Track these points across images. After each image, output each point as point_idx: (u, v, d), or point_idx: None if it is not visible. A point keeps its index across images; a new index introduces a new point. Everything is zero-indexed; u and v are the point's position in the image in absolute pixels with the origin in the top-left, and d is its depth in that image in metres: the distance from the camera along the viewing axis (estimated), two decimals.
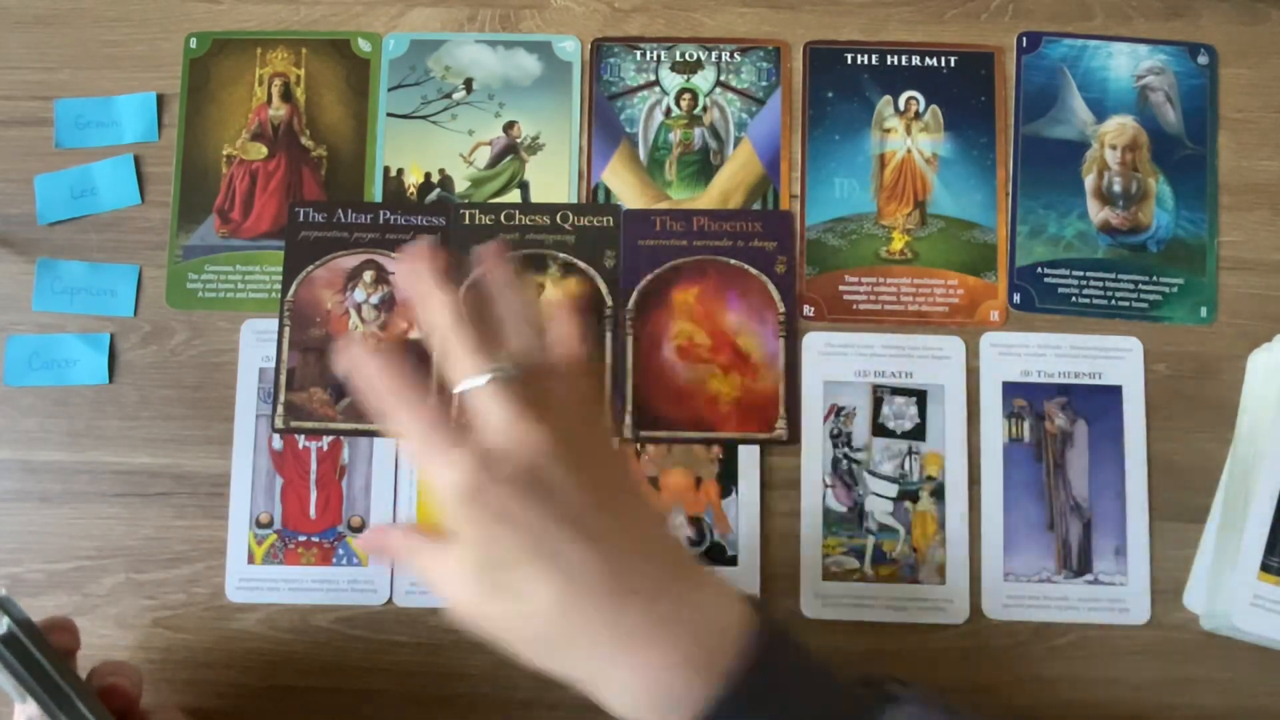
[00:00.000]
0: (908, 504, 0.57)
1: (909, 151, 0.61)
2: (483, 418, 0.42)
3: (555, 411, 0.42)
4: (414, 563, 0.43)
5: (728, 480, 0.57)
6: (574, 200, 0.60)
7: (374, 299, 0.59)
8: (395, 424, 0.42)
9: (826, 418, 0.58)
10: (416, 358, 0.55)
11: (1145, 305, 0.59)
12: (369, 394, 0.43)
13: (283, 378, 0.58)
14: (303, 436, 0.58)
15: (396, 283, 0.47)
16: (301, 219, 0.60)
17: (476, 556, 0.41)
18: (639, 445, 0.58)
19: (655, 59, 0.62)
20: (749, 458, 0.57)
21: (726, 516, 0.57)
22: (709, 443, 0.58)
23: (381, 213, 0.60)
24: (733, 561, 0.57)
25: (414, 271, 0.44)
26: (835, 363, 0.58)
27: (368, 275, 0.59)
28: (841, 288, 0.60)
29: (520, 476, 0.40)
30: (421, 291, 0.44)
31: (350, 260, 0.59)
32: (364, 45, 0.62)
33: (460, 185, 0.61)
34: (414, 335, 0.59)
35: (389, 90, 0.62)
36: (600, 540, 0.41)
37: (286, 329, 0.58)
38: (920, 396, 0.58)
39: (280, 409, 0.58)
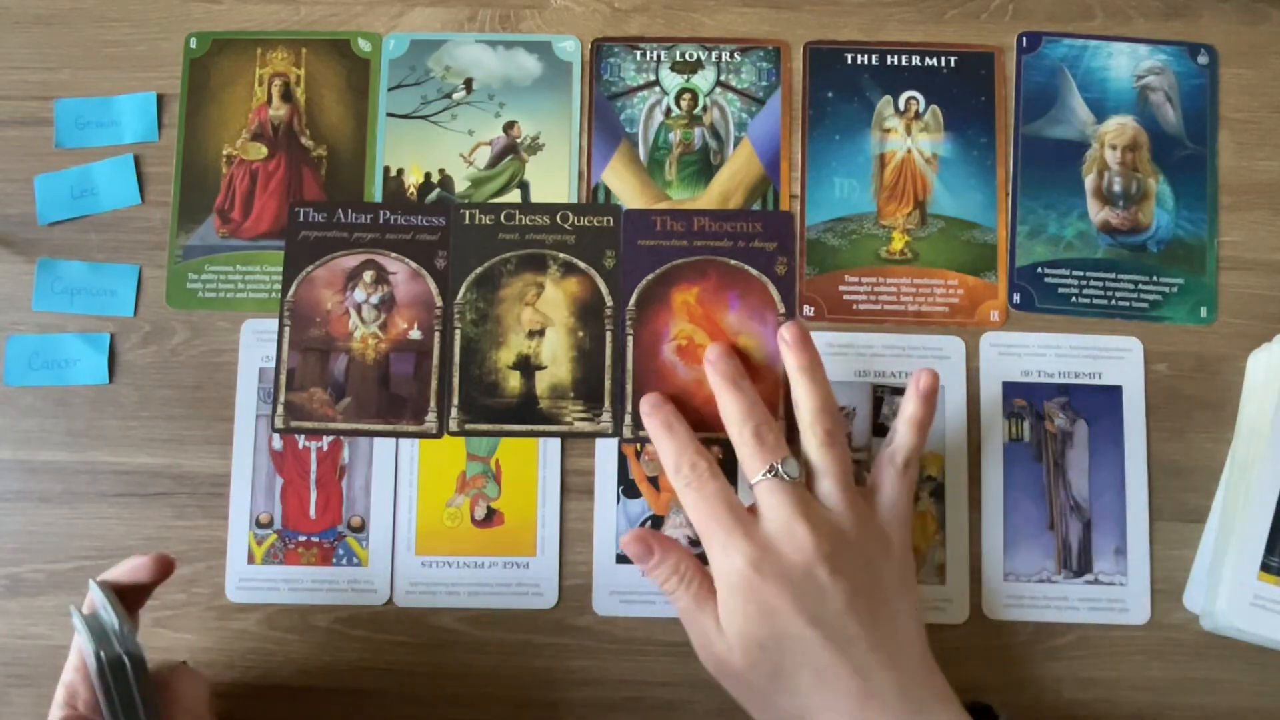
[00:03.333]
0: None
1: (909, 151, 0.61)
2: (764, 509, 0.47)
3: (832, 516, 0.47)
4: (680, 605, 0.49)
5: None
6: (574, 200, 0.60)
7: (374, 299, 0.59)
8: (683, 495, 0.49)
9: None
10: (418, 358, 0.55)
11: (1145, 305, 0.59)
12: (666, 463, 0.51)
13: (283, 378, 0.58)
14: (303, 436, 0.58)
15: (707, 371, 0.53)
16: (301, 219, 0.60)
17: (739, 631, 0.46)
18: (638, 445, 0.58)
19: (655, 59, 0.62)
20: None
21: None
22: (708, 443, 0.57)
23: (381, 213, 0.60)
24: None
25: (711, 366, 0.52)
26: (835, 363, 0.58)
27: (368, 275, 0.59)
28: (841, 288, 0.60)
29: (787, 576, 0.45)
30: (717, 384, 0.51)
31: (350, 260, 0.59)
32: (364, 45, 0.62)
33: (460, 185, 0.61)
34: (413, 335, 0.59)
35: (389, 90, 0.62)
36: (852, 645, 0.45)
37: (286, 329, 0.58)
38: None
39: (280, 409, 0.58)
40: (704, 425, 0.57)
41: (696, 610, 0.48)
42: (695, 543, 0.57)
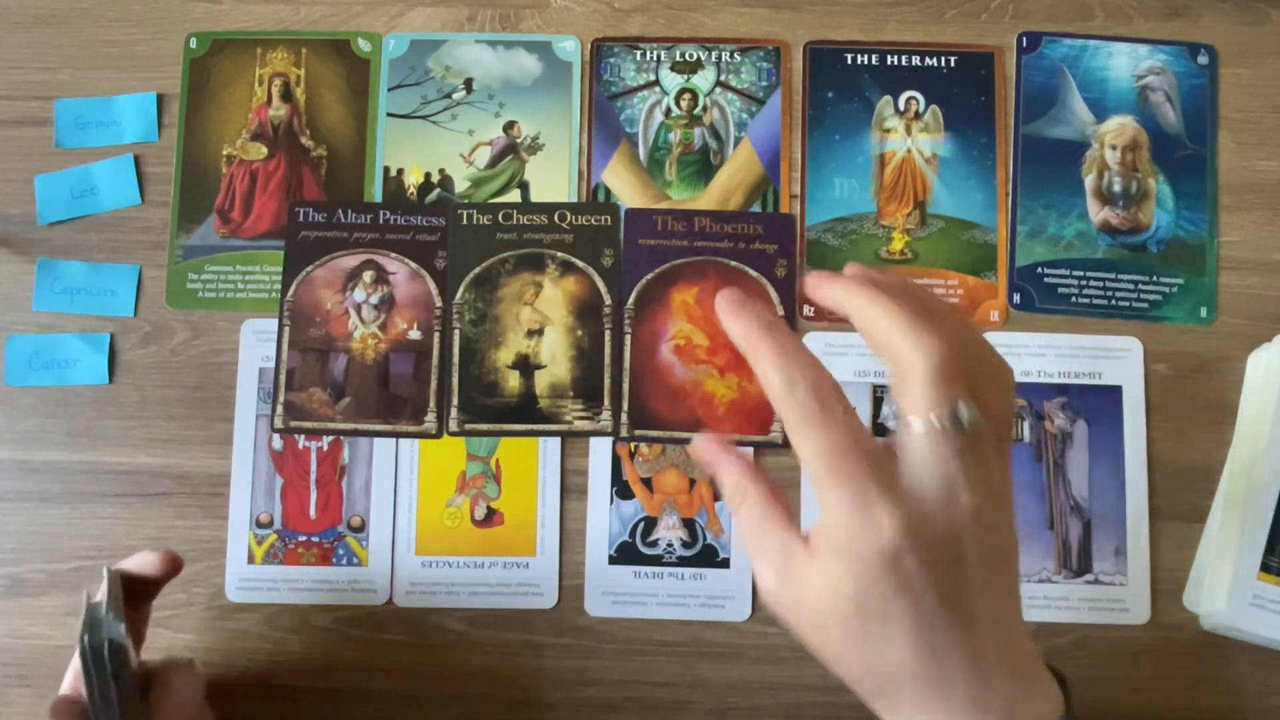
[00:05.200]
0: None
1: (909, 151, 0.61)
2: (924, 457, 0.37)
3: (992, 478, 0.38)
4: (763, 547, 0.40)
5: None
6: (574, 200, 0.60)
7: (374, 299, 0.59)
8: (799, 429, 0.38)
9: None
10: (418, 358, 0.55)
11: (1145, 305, 0.59)
12: (770, 380, 0.39)
13: (282, 378, 0.58)
14: (302, 436, 0.58)
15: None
16: (301, 219, 0.60)
17: (852, 595, 0.37)
18: (632, 445, 0.58)
19: (655, 59, 0.62)
20: None
21: (720, 519, 0.57)
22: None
23: (381, 213, 0.60)
24: (725, 564, 0.57)
25: (854, 275, 0.40)
26: (835, 363, 0.58)
27: (367, 275, 0.59)
28: None
29: (939, 549, 0.37)
30: (866, 293, 0.40)
31: (350, 260, 0.59)
32: (364, 45, 0.62)
33: (460, 185, 0.61)
34: (413, 335, 0.59)
35: (389, 90, 0.62)
36: (974, 623, 0.38)
37: (286, 329, 0.58)
38: None
39: (280, 409, 0.58)
40: (698, 425, 0.57)
41: (785, 557, 0.39)
42: (688, 545, 0.57)
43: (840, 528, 0.37)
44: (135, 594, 0.48)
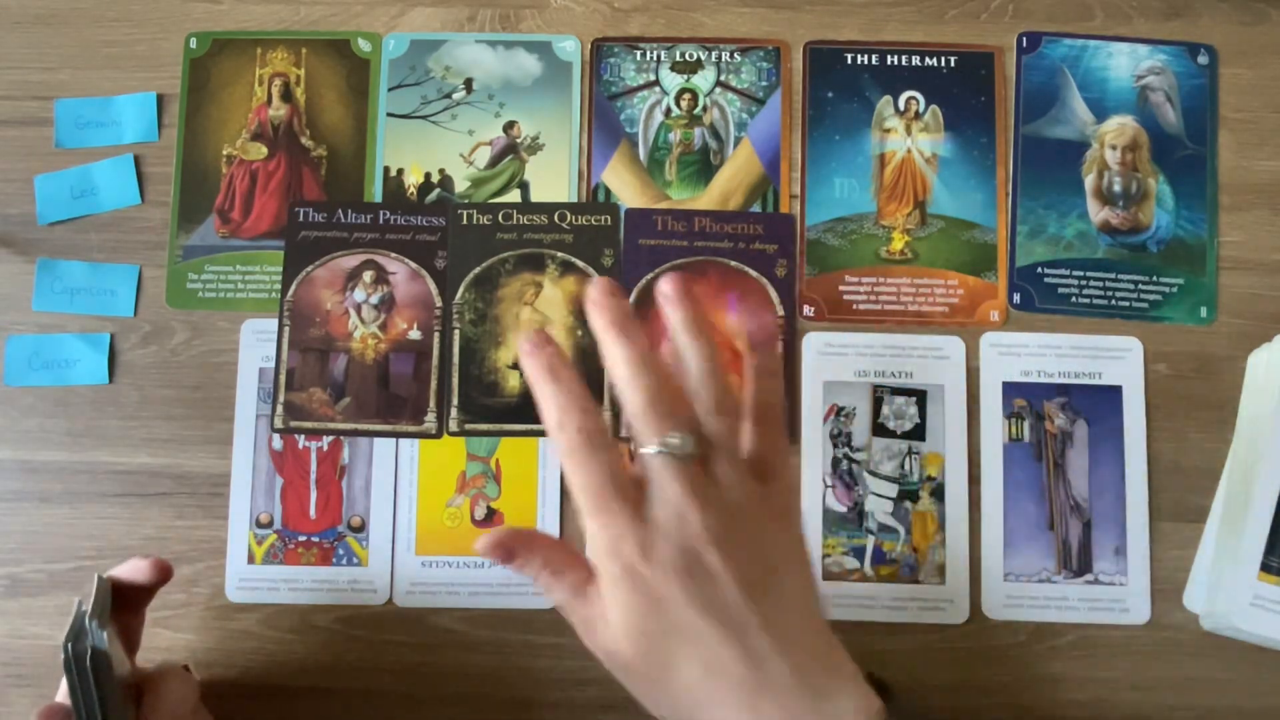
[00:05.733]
0: (908, 504, 0.57)
1: (909, 151, 0.61)
2: (655, 486, 0.42)
3: (724, 492, 0.42)
4: (556, 599, 0.44)
5: None
6: (574, 200, 0.60)
7: (374, 299, 0.59)
8: (565, 460, 0.42)
9: (826, 418, 0.58)
10: (418, 358, 0.55)
11: (1145, 305, 0.59)
12: (546, 417, 0.43)
13: (282, 378, 0.58)
14: (302, 436, 0.58)
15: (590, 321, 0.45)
16: (301, 219, 0.60)
17: (625, 622, 0.42)
18: (632, 445, 0.58)
19: (655, 59, 0.62)
20: None
21: None
22: None
23: (381, 213, 0.60)
24: None
25: (594, 313, 0.43)
26: (835, 363, 0.58)
27: (367, 275, 0.59)
28: (841, 288, 0.60)
29: (676, 563, 0.41)
30: (602, 338, 0.43)
31: (350, 260, 0.59)
32: (364, 45, 0.62)
33: (460, 185, 0.61)
34: (413, 335, 0.59)
35: (389, 90, 0.62)
36: (744, 632, 0.41)
37: (286, 329, 0.58)
38: (920, 396, 0.58)
39: (280, 409, 0.58)
40: None
41: (577, 601, 0.43)
42: None
43: (599, 555, 0.42)
44: (128, 600, 0.48)
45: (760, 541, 0.43)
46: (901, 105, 0.61)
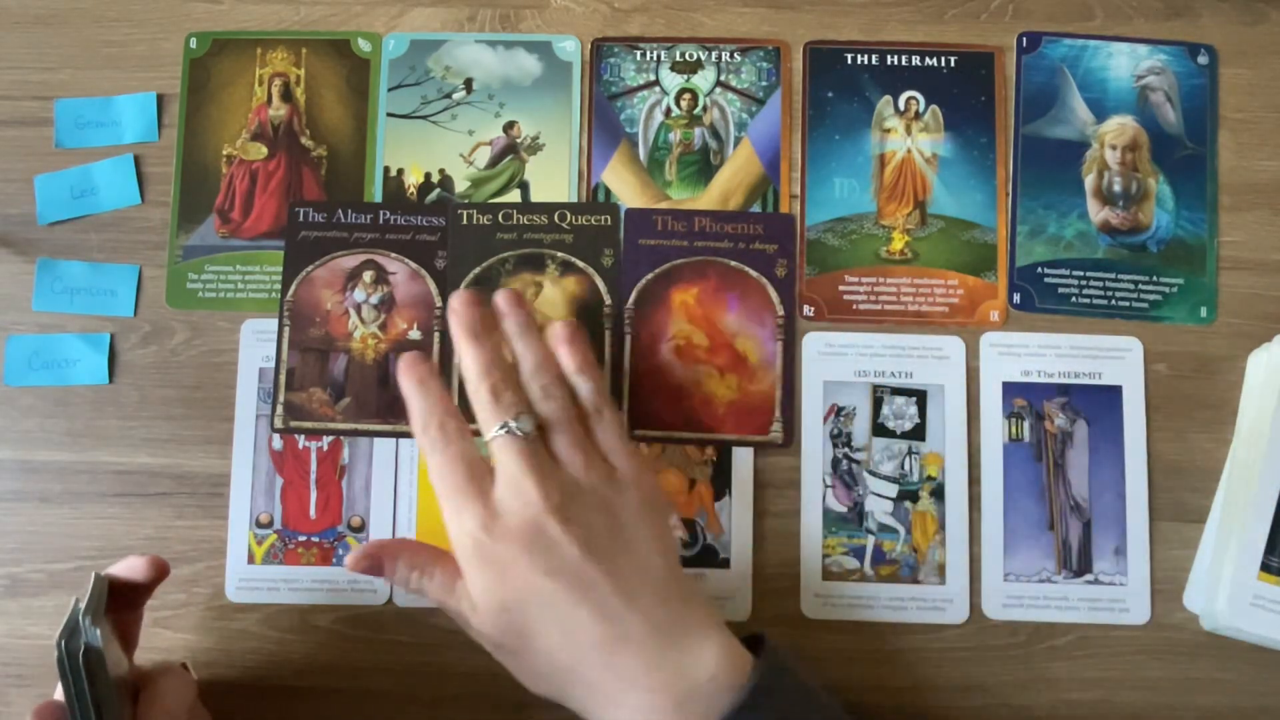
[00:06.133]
0: (908, 504, 0.57)
1: (909, 151, 0.61)
2: (498, 467, 0.46)
3: (563, 466, 0.47)
4: (431, 598, 0.48)
5: (721, 483, 0.57)
6: (574, 200, 0.60)
7: (374, 299, 0.59)
8: (427, 458, 0.48)
9: (826, 418, 0.58)
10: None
11: (1145, 305, 0.59)
12: (413, 421, 0.48)
13: (282, 378, 0.58)
14: (303, 436, 0.58)
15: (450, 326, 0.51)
16: (301, 219, 0.60)
17: (483, 598, 0.45)
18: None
19: (655, 59, 0.62)
20: (743, 460, 0.57)
21: (719, 519, 0.57)
22: (703, 444, 0.58)
23: (381, 213, 0.60)
24: (725, 564, 0.57)
25: (452, 321, 0.49)
26: (835, 363, 0.58)
27: (367, 275, 0.59)
28: (841, 288, 0.60)
29: (518, 534, 0.45)
30: (456, 334, 0.49)
31: (350, 260, 0.59)
32: (364, 45, 0.62)
33: (460, 185, 0.61)
34: (413, 335, 0.59)
35: (389, 90, 0.62)
36: (592, 589, 0.44)
37: (286, 329, 0.58)
38: (920, 396, 0.58)
39: (279, 409, 0.58)
40: (698, 425, 0.57)
41: (447, 594, 0.47)
42: (687, 545, 0.57)
43: (453, 540, 0.46)
44: (126, 599, 0.48)
45: (605, 508, 0.46)
46: (901, 105, 0.61)
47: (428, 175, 0.61)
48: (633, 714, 0.44)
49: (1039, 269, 0.60)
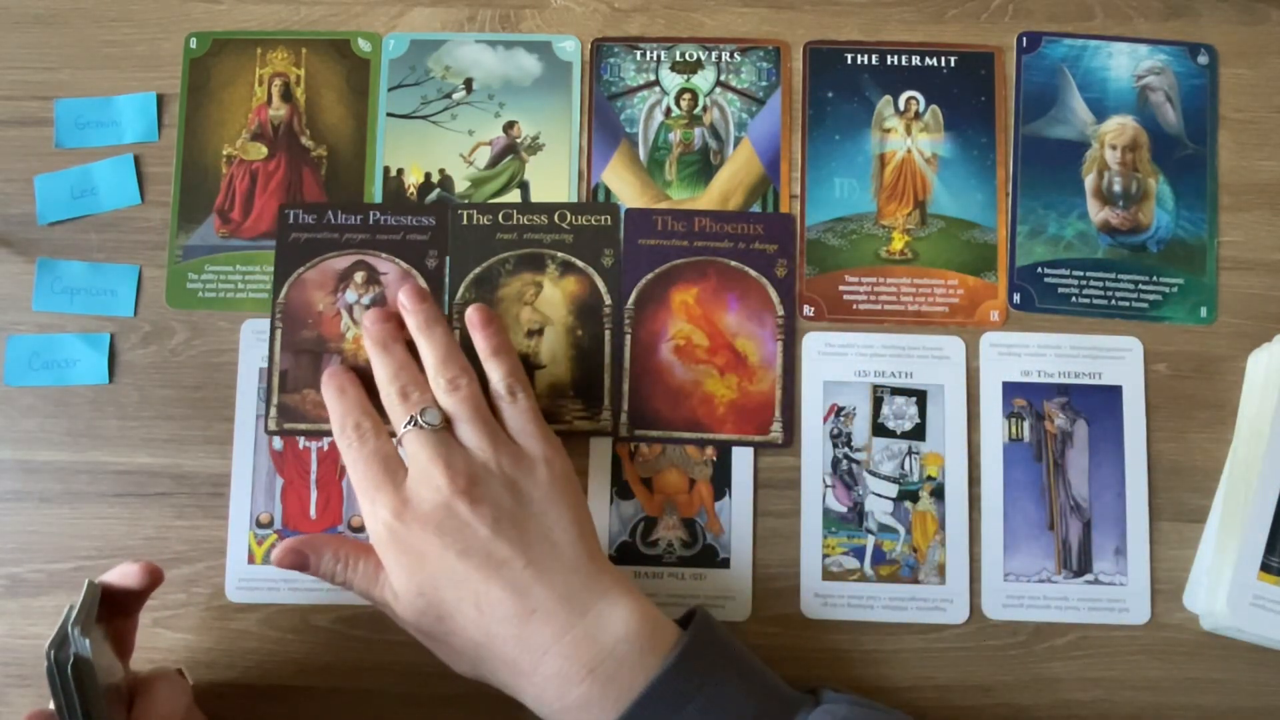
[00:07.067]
0: (908, 504, 0.57)
1: (909, 151, 0.61)
2: (408, 459, 0.49)
3: (470, 453, 0.49)
4: (356, 589, 0.50)
5: (721, 483, 0.57)
6: (574, 200, 0.60)
7: (365, 300, 0.59)
8: (345, 457, 0.51)
9: (826, 418, 0.58)
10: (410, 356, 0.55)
11: (1145, 305, 0.59)
12: (333, 424, 0.52)
13: (275, 379, 0.58)
14: (303, 437, 0.58)
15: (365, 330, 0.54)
16: (291, 221, 0.60)
17: (401, 585, 0.47)
18: (632, 445, 0.58)
19: (655, 59, 0.62)
20: (743, 460, 0.57)
21: (719, 519, 0.57)
22: (703, 444, 0.58)
23: (372, 214, 0.60)
24: (725, 564, 0.57)
25: (365, 330, 0.53)
26: (835, 363, 0.58)
27: (359, 276, 0.59)
28: (841, 288, 0.60)
29: (428, 519, 0.47)
30: (369, 346, 0.52)
31: (341, 261, 0.59)
32: (364, 45, 0.62)
33: (460, 185, 0.61)
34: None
35: (389, 90, 0.62)
36: (503, 566, 0.46)
37: (279, 331, 0.58)
38: (920, 396, 0.58)
39: (273, 411, 0.58)
40: (698, 425, 0.57)
41: (371, 586, 0.49)
42: (687, 544, 0.57)
43: (368, 528, 0.49)
44: (120, 605, 0.48)
45: (511, 487, 0.48)
46: (901, 105, 0.61)
47: (428, 175, 0.61)
48: (546, 681, 0.45)
49: (1039, 269, 0.60)
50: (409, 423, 0.49)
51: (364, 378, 0.54)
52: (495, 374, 0.52)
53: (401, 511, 0.47)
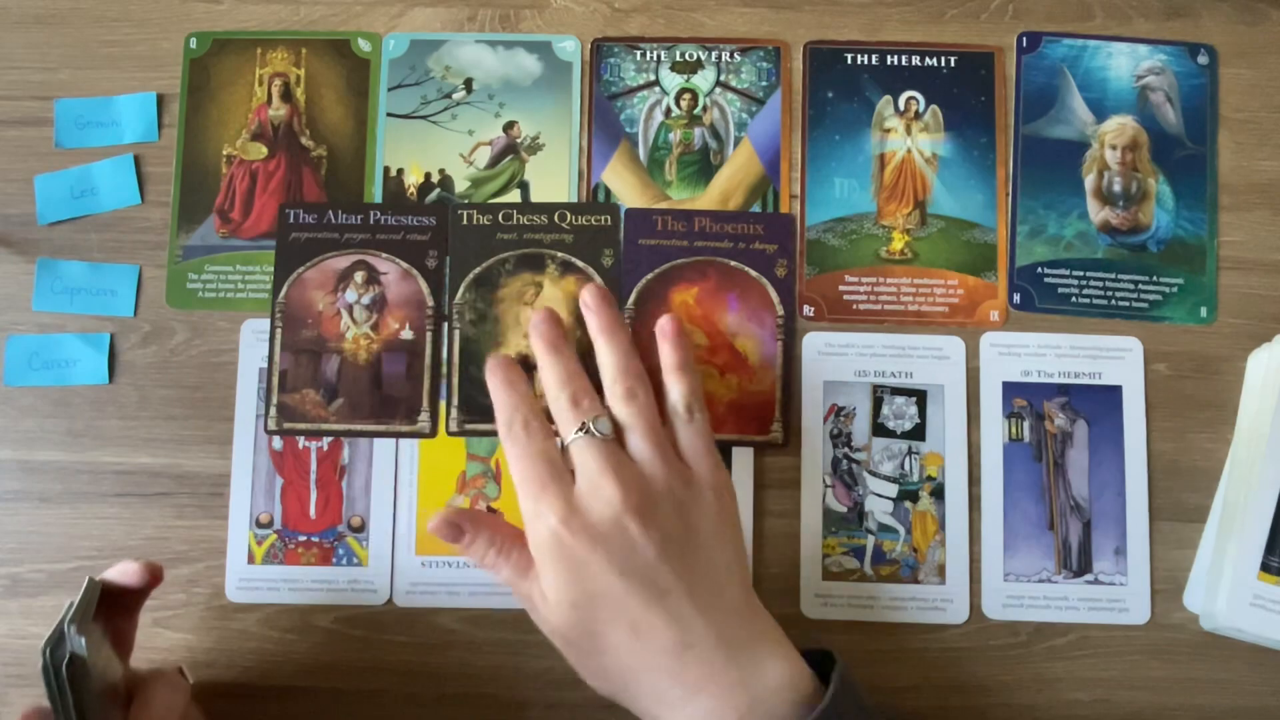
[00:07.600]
0: (908, 504, 0.57)
1: (909, 151, 0.61)
2: (577, 467, 0.47)
3: (641, 467, 0.47)
4: (502, 577, 0.49)
5: None
6: (574, 200, 0.60)
7: (365, 299, 0.59)
8: (508, 452, 0.48)
9: (826, 418, 0.58)
10: (410, 358, 0.55)
11: (1145, 305, 0.59)
12: (499, 418, 0.50)
13: (275, 379, 0.58)
14: (302, 437, 0.58)
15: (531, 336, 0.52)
16: (292, 220, 0.60)
17: (555, 592, 0.46)
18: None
19: (655, 59, 0.62)
20: (743, 460, 0.57)
21: None
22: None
23: (372, 213, 0.60)
24: None
25: (535, 329, 0.51)
26: (835, 363, 0.58)
27: (359, 276, 0.59)
28: (841, 288, 0.60)
29: (595, 529, 0.45)
30: (538, 348, 0.51)
31: (341, 261, 0.59)
32: (364, 45, 0.62)
33: (460, 185, 0.61)
34: (405, 335, 0.59)
35: (389, 90, 0.62)
36: (666, 595, 0.45)
37: (278, 331, 0.58)
38: (920, 396, 0.58)
39: (273, 411, 0.58)
40: None
41: (520, 579, 0.48)
42: None
43: (530, 531, 0.47)
44: (120, 603, 0.48)
45: (681, 511, 0.47)
46: (901, 105, 0.61)
47: (428, 175, 0.61)
48: (692, 719, 0.44)
49: (1039, 269, 0.60)
50: (580, 429, 0.47)
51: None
52: (677, 390, 0.50)
53: (569, 519, 0.45)
